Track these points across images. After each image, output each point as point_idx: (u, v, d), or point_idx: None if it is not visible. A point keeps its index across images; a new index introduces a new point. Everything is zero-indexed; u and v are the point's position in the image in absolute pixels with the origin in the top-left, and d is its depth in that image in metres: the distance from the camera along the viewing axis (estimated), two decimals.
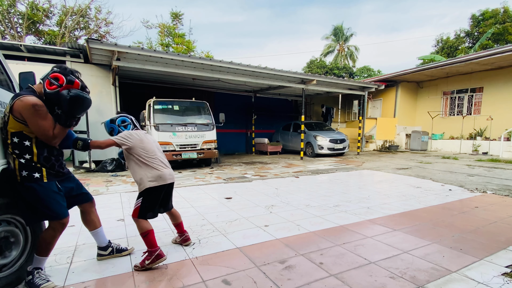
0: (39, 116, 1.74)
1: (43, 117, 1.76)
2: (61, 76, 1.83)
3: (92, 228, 2.26)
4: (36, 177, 1.80)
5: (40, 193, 1.82)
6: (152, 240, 2.18)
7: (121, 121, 2.38)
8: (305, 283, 1.96)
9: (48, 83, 1.82)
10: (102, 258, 2.31)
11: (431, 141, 13.67)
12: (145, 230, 2.20)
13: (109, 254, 2.31)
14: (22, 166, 1.79)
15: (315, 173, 6.97)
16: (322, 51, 32.05)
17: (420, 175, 6.51)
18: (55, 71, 1.85)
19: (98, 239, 2.29)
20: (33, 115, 1.73)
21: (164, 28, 20.37)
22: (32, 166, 1.81)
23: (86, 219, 2.24)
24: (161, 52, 7.97)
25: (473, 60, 10.71)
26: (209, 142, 7.84)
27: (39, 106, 1.74)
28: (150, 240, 2.18)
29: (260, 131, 13.75)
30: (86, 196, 2.23)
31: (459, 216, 3.51)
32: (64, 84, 1.81)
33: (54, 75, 1.83)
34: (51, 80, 1.82)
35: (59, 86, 1.81)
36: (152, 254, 2.14)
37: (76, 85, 1.86)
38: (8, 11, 15.52)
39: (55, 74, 1.83)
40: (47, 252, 1.93)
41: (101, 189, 5.11)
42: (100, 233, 2.29)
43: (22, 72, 2.48)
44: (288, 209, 3.83)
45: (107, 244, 2.32)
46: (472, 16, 21.60)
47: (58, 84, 1.81)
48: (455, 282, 1.96)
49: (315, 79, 10.47)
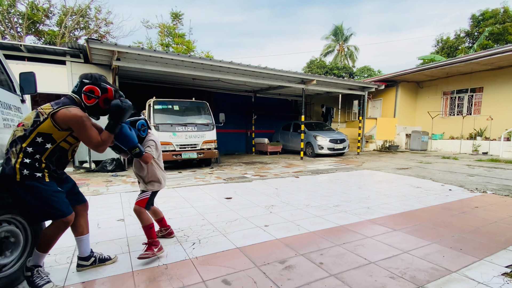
0: (88, 127, 1.85)
1: (91, 128, 1.87)
2: (96, 88, 1.91)
3: (78, 234, 2.11)
4: (38, 176, 1.79)
5: (43, 191, 1.80)
6: (154, 232, 2.40)
7: (141, 125, 2.40)
8: (305, 283, 1.96)
9: (86, 98, 1.91)
10: (83, 269, 2.13)
11: (431, 141, 13.67)
12: (150, 223, 2.40)
13: (91, 265, 2.15)
14: (25, 165, 1.75)
15: (315, 173, 6.97)
16: (322, 51, 32.07)
17: (420, 175, 6.51)
18: (88, 83, 1.91)
19: (81, 247, 2.13)
20: (83, 127, 1.82)
21: (164, 28, 20.37)
22: (36, 167, 1.79)
23: (76, 223, 2.07)
24: (161, 52, 7.97)
25: (473, 60, 10.71)
26: (209, 142, 7.84)
27: (87, 118, 1.86)
28: (153, 232, 2.39)
29: (260, 131, 13.75)
30: (80, 197, 2.17)
31: (459, 216, 3.51)
32: (101, 95, 1.92)
33: (88, 88, 1.90)
34: (88, 94, 1.91)
35: (97, 98, 1.92)
36: (158, 244, 2.36)
37: (110, 91, 1.96)
38: (8, 11, 15.52)
39: (89, 87, 1.90)
40: (47, 248, 1.91)
41: (101, 189, 5.11)
42: (85, 241, 2.13)
43: (22, 72, 2.49)
44: (288, 209, 3.83)
45: (89, 254, 2.16)
46: (472, 16, 21.60)
47: (95, 96, 1.92)
48: (455, 282, 1.96)
49: (315, 79, 10.47)
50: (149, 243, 2.34)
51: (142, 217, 2.37)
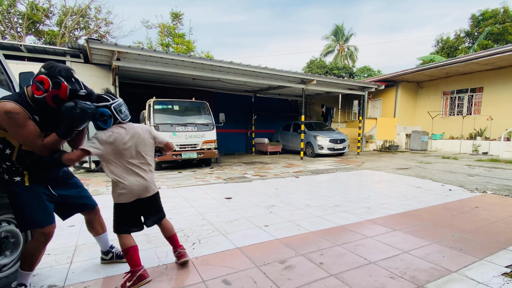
0: (16, 124, 1.57)
1: (21, 125, 1.58)
2: (46, 80, 1.60)
3: (94, 234, 2.22)
4: (17, 180, 1.68)
5: (19, 198, 1.68)
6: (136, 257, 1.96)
7: (99, 114, 1.87)
8: (305, 283, 1.96)
9: (35, 88, 1.62)
10: (104, 262, 2.28)
11: (431, 141, 13.67)
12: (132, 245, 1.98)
13: (110, 259, 2.27)
14: (3, 170, 1.70)
15: (315, 173, 6.97)
16: (322, 51, 32.11)
17: (420, 175, 6.51)
18: (42, 73, 1.63)
19: (100, 244, 2.25)
20: (9, 123, 1.56)
21: (164, 28, 20.36)
22: (13, 170, 1.69)
23: (89, 226, 2.19)
24: (161, 52, 7.98)
25: (473, 60, 10.71)
26: (209, 142, 7.84)
27: (13, 114, 1.55)
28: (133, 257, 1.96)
29: (260, 131, 13.75)
30: (88, 205, 2.10)
31: (459, 216, 3.51)
32: (50, 89, 1.61)
33: (39, 78, 1.61)
34: (37, 84, 1.61)
35: (45, 92, 1.61)
36: (134, 274, 1.88)
37: (64, 88, 1.63)
38: (8, 11, 15.52)
39: (40, 77, 1.61)
40: (31, 266, 1.76)
41: (101, 189, 5.11)
42: (103, 239, 2.23)
43: (22, 72, 2.48)
44: (288, 209, 3.83)
45: (107, 249, 2.26)
46: (472, 16, 21.61)
47: (44, 89, 1.60)
48: (455, 282, 1.96)
49: (315, 79, 10.47)
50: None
51: (120, 243, 1.98)
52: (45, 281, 2.00)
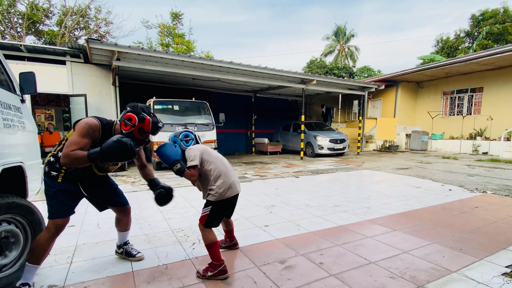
0: (80, 132, 1.78)
1: (81, 135, 1.78)
2: (133, 116, 1.88)
3: (118, 229, 2.36)
4: (52, 174, 1.90)
5: (47, 188, 1.90)
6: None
7: (184, 136, 2.29)
8: (305, 283, 1.96)
9: (123, 124, 1.90)
10: (116, 254, 2.40)
11: (431, 141, 13.67)
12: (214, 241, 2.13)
13: (120, 254, 2.37)
14: (49, 162, 1.92)
15: (315, 173, 6.97)
16: (322, 51, 32.09)
17: (420, 175, 6.51)
18: (128, 111, 1.91)
19: (119, 238, 2.38)
20: (79, 129, 1.79)
21: (164, 28, 20.37)
22: (55, 167, 1.91)
23: (117, 222, 2.34)
24: (161, 52, 7.97)
25: (473, 60, 10.71)
26: (209, 142, 7.84)
27: (89, 126, 1.80)
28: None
29: (260, 131, 13.75)
30: (119, 203, 2.26)
31: (459, 216, 3.51)
32: (137, 123, 1.88)
33: (127, 116, 1.90)
34: (125, 121, 1.90)
35: (133, 126, 1.88)
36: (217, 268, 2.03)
37: (147, 121, 1.89)
38: (8, 11, 15.53)
39: (128, 115, 1.89)
40: (38, 259, 1.82)
41: None
42: (122, 235, 2.36)
43: (22, 72, 2.48)
44: (288, 209, 3.83)
45: (120, 244, 2.37)
46: (472, 16, 21.62)
47: (131, 124, 1.88)
48: (455, 282, 1.96)
49: (315, 79, 10.47)
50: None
51: (204, 236, 2.11)
52: (45, 281, 2.00)
